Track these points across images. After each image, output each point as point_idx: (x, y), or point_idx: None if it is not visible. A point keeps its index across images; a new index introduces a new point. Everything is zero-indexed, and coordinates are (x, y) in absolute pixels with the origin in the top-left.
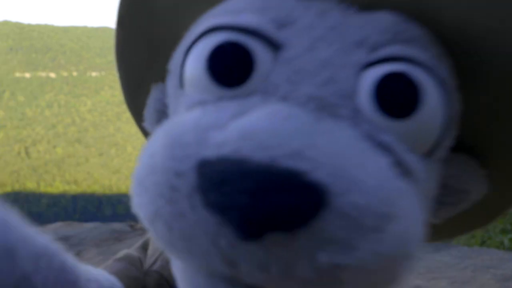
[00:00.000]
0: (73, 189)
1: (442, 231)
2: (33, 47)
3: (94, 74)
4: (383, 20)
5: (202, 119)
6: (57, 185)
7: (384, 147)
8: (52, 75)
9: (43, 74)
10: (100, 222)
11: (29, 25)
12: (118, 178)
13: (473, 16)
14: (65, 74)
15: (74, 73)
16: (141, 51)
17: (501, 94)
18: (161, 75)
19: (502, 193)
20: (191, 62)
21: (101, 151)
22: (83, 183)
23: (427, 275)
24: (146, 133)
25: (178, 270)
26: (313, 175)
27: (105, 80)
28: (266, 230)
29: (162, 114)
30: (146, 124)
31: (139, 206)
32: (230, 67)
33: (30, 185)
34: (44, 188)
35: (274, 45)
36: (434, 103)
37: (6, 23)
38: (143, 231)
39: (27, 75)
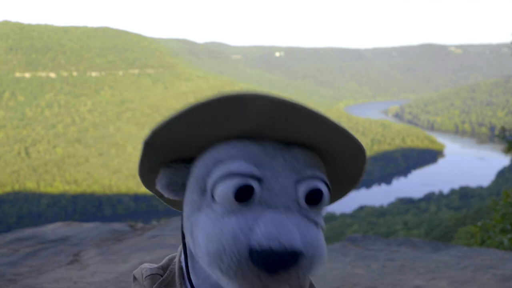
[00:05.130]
0: (73, 189)
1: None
2: (33, 47)
3: (94, 74)
4: (299, 154)
5: (241, 224)
6: (57, 185)
7: (312, 220)
8: (52, 75)
9: (43, 74)
10: (100, 222)
11: (29, 25)
12: (118, 178)
13: (329, 145)
14: (65, 74)
15: (74, 73)
16: (162, 153)
17: (338, 166)
18: (164, 163)
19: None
20: (223, 189)
21: (101, 151)
22: (83, 183)
23: (427, 275)
24: (149, 188)
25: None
26: (296, 246)
27: (105, 80)
28: (279, 270)
29: (173, 184)
30: (158, 187)
31: (218, 264)
32: (244, 194)
33: (30, 185)
34: (44, 188)
35: (259, 179)
36: (326, 196)
37: (6, 23)
38: (142, 231)
39: (27, 75)
